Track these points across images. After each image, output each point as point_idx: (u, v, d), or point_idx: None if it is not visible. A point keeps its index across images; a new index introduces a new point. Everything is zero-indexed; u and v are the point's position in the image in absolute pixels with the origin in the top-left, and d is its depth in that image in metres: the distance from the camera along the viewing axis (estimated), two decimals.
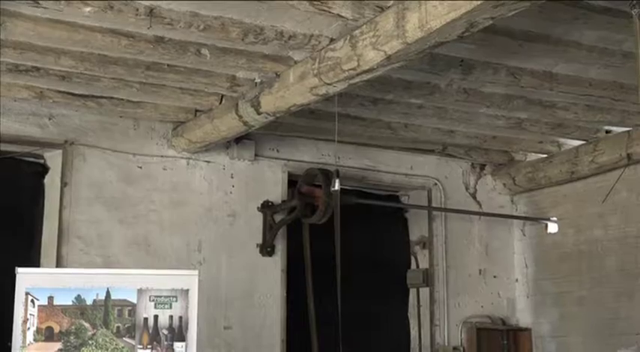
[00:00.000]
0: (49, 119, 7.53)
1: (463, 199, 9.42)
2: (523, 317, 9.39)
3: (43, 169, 7.68)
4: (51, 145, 7.58)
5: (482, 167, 9.56)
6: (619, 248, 8.48)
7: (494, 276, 9.42)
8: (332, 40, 5.83)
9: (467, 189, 9.46)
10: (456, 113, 7.76)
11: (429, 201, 9.34)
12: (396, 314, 9.29)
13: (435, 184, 9.30)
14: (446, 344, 9.05)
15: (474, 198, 9.49)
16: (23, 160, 7.61)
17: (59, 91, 7.15)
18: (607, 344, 8.43)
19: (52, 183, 7.62)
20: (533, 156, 9.26)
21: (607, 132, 8.34)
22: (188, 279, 6.09)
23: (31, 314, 5.68)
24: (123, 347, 5.77)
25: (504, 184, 9.52)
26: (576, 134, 8.41)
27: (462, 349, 9.07)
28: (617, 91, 7.13)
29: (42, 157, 7.68)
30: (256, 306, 8.12)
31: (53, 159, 7.63)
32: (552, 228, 9.12)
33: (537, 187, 9.29)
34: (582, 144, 8.62)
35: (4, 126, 7.23)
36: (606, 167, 8.40)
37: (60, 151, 7.58)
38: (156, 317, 5.89)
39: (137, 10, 5.38)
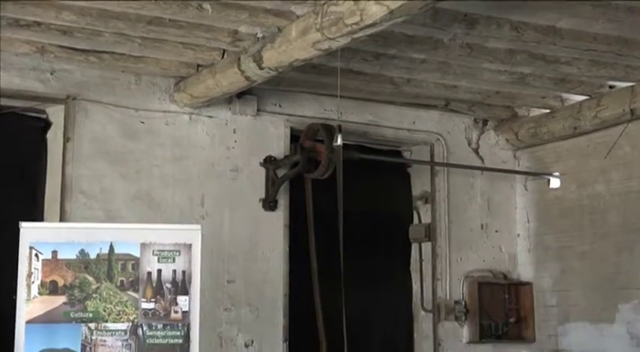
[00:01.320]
0: (51, 74, 7.51)
1: (465, 154, 9.41)
2: (525, 271, 9.43)
3: (46, 124, 7.68)
4: (53, 100, 7.57)
5: (485, 122, 9.55)
6: (621, 203, 8.49)
7: (496, 231, 9.45)
8: None
9: (469, 144, 9.46)
10: (459, 68, 7.73)
11: (432, 156, 9.34)
12: (398, 269, 9.34)
13: (438, 139, 9.29)
14: (447, 298, 9.10)
15: (477, 153, 9.49)
16: (25, 115, 7.61)
17: (60, 46, 7.13)
18: (608, 298, 8.49)
19: (54, 138, 7.62)
20: (536, 112, 9.24)
21: (610, 87, 8.31)
22: (191, 234, 6.11)
23: (35, 268, 5.72)
24: (127, 301, 5.82)
25: (507, 139, 9.51)
26: (579, 89, 8.38)
27: (463, 303, 9.12)
28: (621, 46, 7.09)
29: (44, 112, 7.68)
30: (259, 260, 8.17)
31: (55, 114, 7.63)
32: (555, 183, 9.13)
33: (540, 142, 9.29)
34: (585, 100, 8.59)
35: (5, 81, 7.22)
36: (609, 122, 8.38)
37: (62, 106, 7.57)
38: (159, 271, 5.93)
39: None
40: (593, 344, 8.61)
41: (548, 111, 9.07)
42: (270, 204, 8.24)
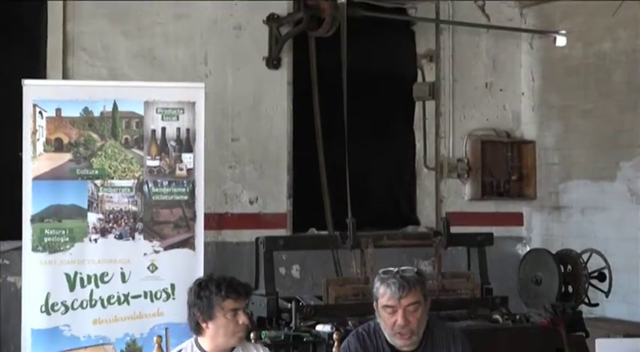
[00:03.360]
0: None
1: (471, 12, 9.27)
2: (528, 130, 9.45)
3: None
4: None
5: None
6: (627, 61, 8.42)
7: (501, 90, 9.42)
8: None
9: (475, 1, 9.31)
10: None
11: (437, 13, 9.19)
12: (402, 127, 9.35)
13: None
14: (450, 156, 9.17)
15: (483, 10, 9.34)
16: None
17: None
18: (610, 156, 8.55)
19: None
20: None
21: None
22: (194, 92, 6.10)
23: (39, 126, 5.73)
24: (132, 158, 5.87)
25: None
26: None
27: (466, 161, 9.19)
28: None
29: None
30: (263, 118, 8.19)
31: None
32: (561, 41, 9.03)
33: None
34: None
35: None
36: None
37: None
38: (163, 129, 5.95)
39: None
40: (593, 201, 8.72)
41: None
42: (273, 62, 8.19)
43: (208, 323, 4.03)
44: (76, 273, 5.62)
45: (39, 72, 7.34)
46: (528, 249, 8.78)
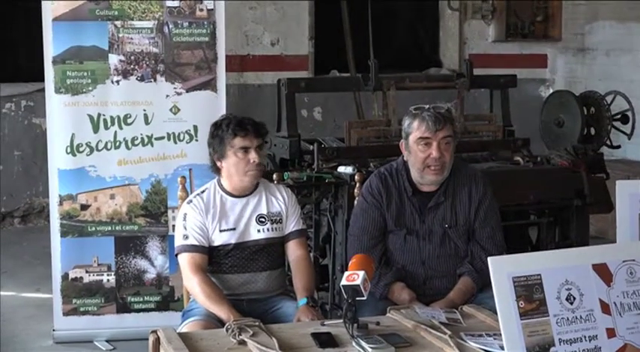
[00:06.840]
0: None
1: None
2: None
3: None
4: None
5: None
6: None
7: None
8: None
9: None
10: None
11: None
12: None
13: None
14: None
15: None
16: None
17: None
18: None
19: None
20: None
21: None
22: None
23: None
24: None
25: None
26: None
27: (490, 1, 9.04)
28: None
29: None
30: None
31: None
32: None
33: None
34: None
35: None
36: None
37: None
38: None
39: None
40: (619, 42, 8.59)
41: None
42: None
43: (222, 161, 4.08)
44: (99, 115, 5.64)
45: None
46: (551, 91, 8.73)
